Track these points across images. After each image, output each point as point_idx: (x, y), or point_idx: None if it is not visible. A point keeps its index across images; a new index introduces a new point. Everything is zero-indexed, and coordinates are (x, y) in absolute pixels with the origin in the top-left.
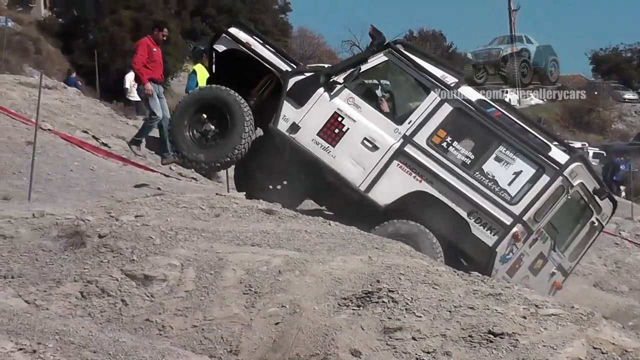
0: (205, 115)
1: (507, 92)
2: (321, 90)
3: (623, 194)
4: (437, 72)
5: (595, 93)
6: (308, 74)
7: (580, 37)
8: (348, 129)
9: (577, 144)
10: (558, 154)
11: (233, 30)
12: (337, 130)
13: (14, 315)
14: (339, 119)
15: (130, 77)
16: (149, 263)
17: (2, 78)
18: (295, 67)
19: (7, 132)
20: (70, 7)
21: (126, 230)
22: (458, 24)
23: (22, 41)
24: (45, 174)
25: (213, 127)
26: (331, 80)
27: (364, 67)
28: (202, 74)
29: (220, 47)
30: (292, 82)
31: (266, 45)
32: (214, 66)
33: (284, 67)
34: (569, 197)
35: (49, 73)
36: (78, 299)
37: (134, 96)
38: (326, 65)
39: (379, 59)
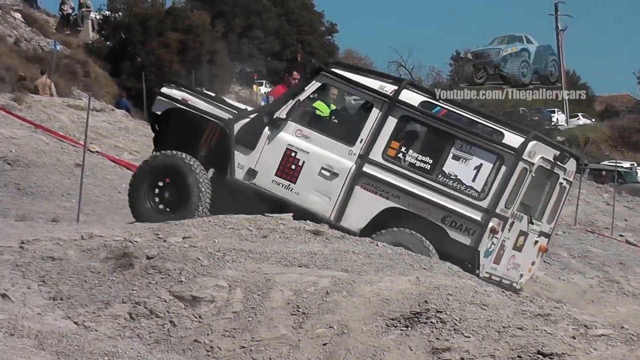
0: (161, 183)
1: (555, 112)
2: (267, 129)
3: None
4: (375, 84)
5: None
6: (251, 117)
7: (629, 56)
8: (304, 162)
9: (626, 164)
10: (512, 139)
11: (165, 90)
12: (293, 166)
13: (63, 336)
14: (292, 154)
15: None
16: (196, 284)
17: (51, 101)
18: (236, 112)
19: (56, 154)
20: (118, 30)
21: (174, 252)
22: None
23: (71, 64)
24: (93, 195)
25: (169, 194)
26: (274, 117)
27: (302, 97)
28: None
29: (158, 110)
30: (236, 128)
31: (203, 97)
32: (156, 127)
33: (225, 115)
34: (533, 174)
35: (97, 96)
36: (127, 320)
37: None
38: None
39: (314, 85)
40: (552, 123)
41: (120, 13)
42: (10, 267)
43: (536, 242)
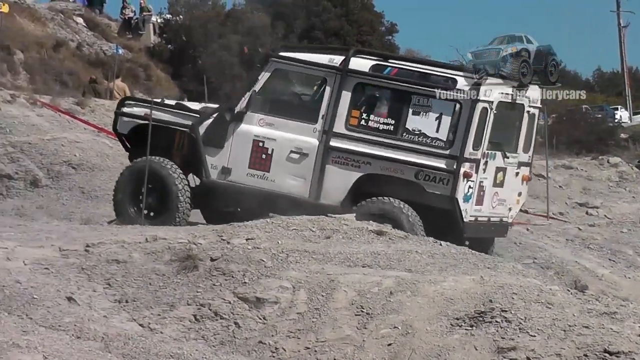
0: (143, 188)
1: (618, 109)
2: (232, 125)
3: None
4: (324, 58)
5: None
6: (214, 116)
7: None
8: (272, 149)
9: None
10: (466, 83)
11: (126, 109)
12: (264, 156)
13: (129, 339)
14: (260, 144)
15: None
16: (260, 285)
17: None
18: (198, 115)
19: (120, 157)
20: (179, 33)
21: (237, 253)
22: (566, 43)
23: (133, 68)
24: None
25: (151, 199)
26: (236, 112)
27: (257, 87)
28: None
29: (124, 130)
30: (202, 130)
31: (164, 108)
32: (127, 144)
33: (188, 120)
34: (495, 111)
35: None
36: (191, 322)
37: None
38: None
39: (266, 73)
40: (616, 120)
41: (181, 16)
42: (75, 270)
43: (517, 173)
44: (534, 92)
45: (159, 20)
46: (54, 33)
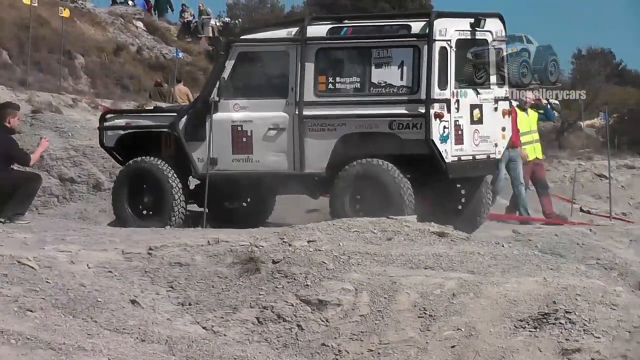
0: (139, 188)
1: None
2: (208, 116)
3: None
4: (282, 33)
5: None
6: (189, 111)
7: None
8: (251, 130)
9: None
10: (420, 27)
11: (108, 123)
12: (244, 139)
13: (193, 341)
14: (239, 128)
15: None
16: (323, 288)
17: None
18: (175, 113)
19: None
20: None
21: (299, 256)
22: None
23: (192, 71)
24: None
25: (147, 198)
26: (210, 102)
27: (226, 74)
28: None
29: (110, 144)
30: (181, 127)
31: (143, 114)
32: (115, 154)
33: (167, 121)
34: (454, 48)
35: None
36: (254, 325)
37: None
38: None
39: (231, 58)
40: None
41: (239, 19)
42: (139, 273)
43: (495, 108)
44: (495, 25)
45: (217, 24)
46: (114, 37)
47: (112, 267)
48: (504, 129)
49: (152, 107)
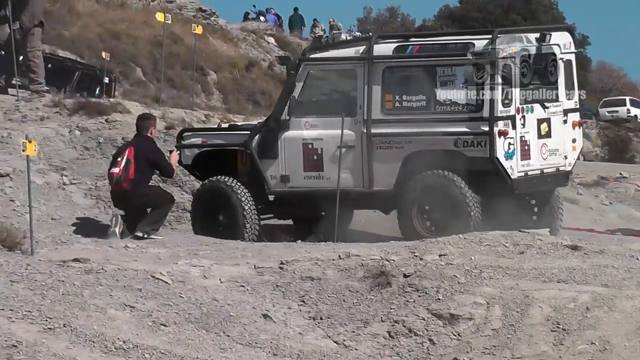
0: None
1: None
2: (280, 134)
3: None
4: (350, 51)
5: None
6: (262, 129)
7: None
8: (322, 149)
9: None
10: (482, 43)
11: (185, 142)
12: (315, 157)
13: (324, 355)
14: (310, 146)
15: None
16: (454, 302)
17: None
18: (249, 132)
19: None
20: None
21: (430, 270)
22: None
23: None
24: None
25: (221, 217)
26: (281, 121)
27: (296, 93)
28: None
29: (187, 161)
30: (254, 145)
31: (218, 132)
32: (196, 173)
33: (241, 139)
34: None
35: None
36: (386, 339)
37: None
38: None
39: (301, 77)
40: None
41: (370, 33)
42: (271, 287)
43: (565, 121)
44: (563, 38)
45: (348, 38)
46: (246, 53)
47: (244, 282)
48: (574, 141)
49: (227, 125)
